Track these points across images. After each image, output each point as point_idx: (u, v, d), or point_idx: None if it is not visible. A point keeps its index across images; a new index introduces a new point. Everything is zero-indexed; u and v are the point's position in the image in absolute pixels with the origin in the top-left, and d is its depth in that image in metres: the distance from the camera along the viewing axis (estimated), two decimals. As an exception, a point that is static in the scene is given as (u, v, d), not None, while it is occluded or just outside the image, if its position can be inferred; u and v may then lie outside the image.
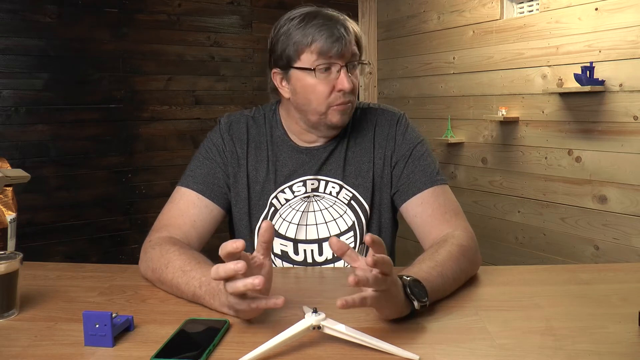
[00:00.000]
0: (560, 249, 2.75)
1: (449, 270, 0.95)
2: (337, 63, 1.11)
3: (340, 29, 1.10)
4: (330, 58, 1.10)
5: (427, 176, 1.17)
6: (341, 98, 1.13)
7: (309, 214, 1.20)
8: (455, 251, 1.01)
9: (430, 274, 0.91)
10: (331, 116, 1.15)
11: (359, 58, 1.16)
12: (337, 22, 1.12)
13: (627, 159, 2.42)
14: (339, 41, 1.09)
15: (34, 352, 0.76)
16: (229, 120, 1.25)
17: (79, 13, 2.95)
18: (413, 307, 0.84)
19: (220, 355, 0.75)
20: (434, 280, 0.90)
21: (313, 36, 1.10)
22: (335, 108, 1.14)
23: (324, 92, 1.12)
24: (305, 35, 1.10)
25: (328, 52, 1.09)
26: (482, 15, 3.07)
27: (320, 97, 1.13)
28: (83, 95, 3.00)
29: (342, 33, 1.10)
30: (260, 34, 3.52)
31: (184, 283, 0.94)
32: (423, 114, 3.49)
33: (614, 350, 0.76)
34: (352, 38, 1.13)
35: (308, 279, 1.13)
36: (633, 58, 2.36)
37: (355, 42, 1.15)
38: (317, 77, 1.12)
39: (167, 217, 1.15)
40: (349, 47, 1.11)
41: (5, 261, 0.87)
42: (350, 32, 1.13)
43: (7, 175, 1.14)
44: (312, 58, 1.11)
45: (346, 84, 1.11)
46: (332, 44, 1.09)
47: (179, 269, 0.96)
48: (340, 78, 1.11)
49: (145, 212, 3.20)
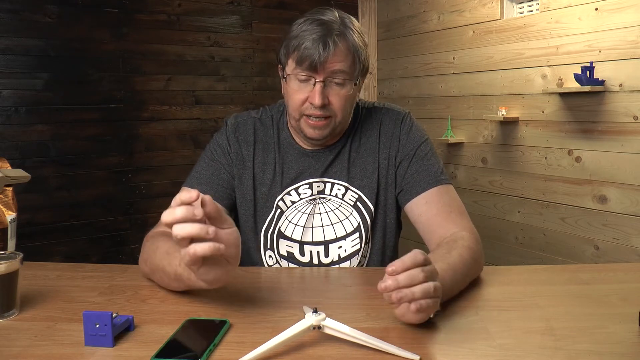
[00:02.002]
0: (560, 249, 2.75)
1: (459, 274, 0.96)
2: (312, 77, 1.09)
3: (327, 43, 1.06)
4: (306, 70, 1.08)
5: (431, 175, 1.17)
6: (311, 110, 1.10)
7: (315, 216, 1.20)
8: (466, 254, 1.00)
9: (443, 278, 0.90)
10: (304, 126, 1.14)
11: (356, 74, 1.11)
12: (328, 34, 1.07)
13: (627, 159, 2.42)
14: (317, 55, 1.06)
15: (34, 352, 0.76)
16: (235, 121, 1.25)
17: (79, 13, 2.95)
18: None
19: (220, 355, 0.75)
20: (445, 284, 0.89)
21: (298, 43, 1.08)
22: (307, 120, 1.12)
23: (298, 100, 1.11)
24: (294, 39, 1.09)
25: (302, 64, 1.08)
26: (482, 15, 3.07)
27: (294, 104, 1.12)
28: (83, 95, 3.00)
29: (328, 47, 1.05)
30: (260, 34, 3.52)
31: (168, 264, 0.93)
32: (423, 114, 3.49)
33: (614, 350, 0.76)
34: (342, 53, 1.08)
35: (312, 278, 1.13)
36: (633, 58, 2.36)
37: (351, 58, 1.09)
38: (292, 84, 1.12)
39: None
40: (331, 61, 1.07)
41: (5, 261, 0.87)
42: (340, 47, 1.07)
43: (7, 175, 1.14)
44: (292, 65, 1.11)
45: (316, 99, 1.08)
46: (308, 57, 1.06)
47: (164, 252, 0.96)
48: (312, 92, 1.09)
49: (145, 212, 3.20)
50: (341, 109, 1.12)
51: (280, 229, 1.20)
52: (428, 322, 0.85)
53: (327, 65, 1.07)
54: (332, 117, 1.13)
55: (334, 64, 1.08)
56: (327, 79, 1.09)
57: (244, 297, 0.98)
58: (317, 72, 1.08)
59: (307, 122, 1.12)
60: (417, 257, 0.78)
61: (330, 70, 1.08)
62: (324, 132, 1.14)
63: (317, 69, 1.08)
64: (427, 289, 0.77)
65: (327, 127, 1.13)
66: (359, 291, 1.04)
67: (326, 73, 1.08)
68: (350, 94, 1.13)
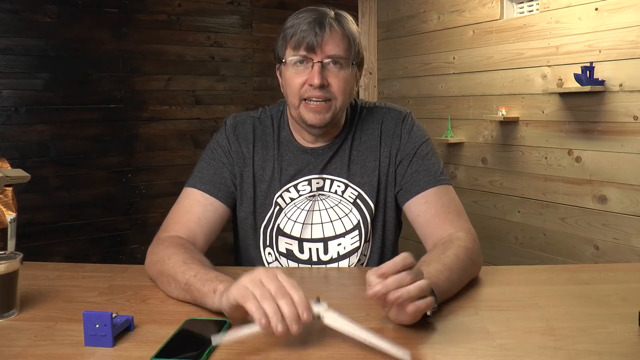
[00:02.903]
0: (560, 249, 2.75)
1: (455, 274, 0.96)
2: (310, 58, 1.10)
3: (323, 25, 1.09)
4: (303, 52, 1.10)
5: (431, 175, 1.17)
6: (310, 91, 1.11)
7: (314, 213, 1.20)
8: (462, 254, 1.01)
9: (439, 278, 0.91)
10: (304, 113, 1.13)
11: (352, 58, 1.13)
12: (323, 17, 1.10)
13: (627, 159, 2.42)
14: (313, 36, 1.08)
15: (34, 352, 0.76)
16: (234, 121, 1.26)
17: (79, 13, 2.95)
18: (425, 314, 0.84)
19: (220, 355, 0.75)
20: (442, 285, 0.90)
21: (294, 30, 1.10)
22: (307, 104, 1.12)
23: (296, 85, 1.12)
24: (290, 28, 1.11)
25: (300, 45, 1.09)
26: (482, 15, 3.07)
27: (293, 90, 1.13)
28: (83, 95, 3.00)
29: (324, 28, 1.08)
30: (260, 34, 3.52)
31: (181, 272, 0.95)
32: (423, 114, 3.49)
33: (614, 350, 0.76)
34: (338, 36, 1.10)
35: (311, 278, 1.13)
36: (633, 58, 2.36)
37: (347, 42, 1.12)
38: (290, 70, 1.12)
39: (173, 217, 1.16)
40: (328, 44, 1.09)
41: (5, 261, 0.87)
42: (336, 30, 1.10)
43: (7, 175, 1.14)
44: (290, 52, 1.12)
45: (315, 79, 1.09)
46: (304, 38, 1.08)
47: (180, 261, 0.98)
48: (311, 72, 1.10)
49: (145, 212, 3.20)
50: (341, 92, 1.12)
51: (279, 226, 1.20)
52: (428, 322, 0.85)
53: (324, 46, 1.09)
54: (332, 100, 1.13)
55: (331, 46, 1.10)
56: (325, 61, 1.10)
57: (244, 297, 0.98)
58: (315, 52, 1.10)
59: (308, 106, 1.12)
60: (407, 260, 0.79)
61: (328, 51, 1.10)
62: (325, 116, 1.13)
63: (314, 49, 1.09)
64: (422, 286, 0.78)
65: (328, 111, 1.13)
66: (359, 291, 1.04)
67: (324, 54, 1.10)
68: (349, 76, 1.14)
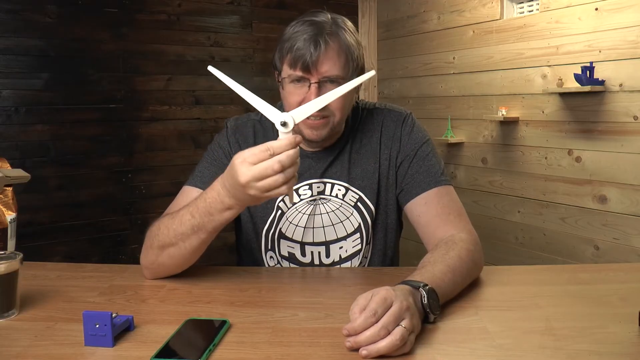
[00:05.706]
0: (560, 249, 2.75)
1: (458, 276, 0.96)
2: (306, 78, 1.08)
3: (318, 43, 1.06)
4: (299, 72, 1.08)
5: (431, 176, 1.17)
6: None
7: (315, 217, 1.19)
8: (465, 256, 1.01)
9: (442, 280, 0.91)
10: (302, 128, 1.12)
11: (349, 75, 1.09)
12: (319, 33, 1.07)
13: (627, 159, 2.42)
14: (309, 56, 1.06)
15: (34, 352, 0.76)
16: (235, 123, 1.25)
17: (79, 13, 2.95)
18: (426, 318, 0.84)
19: (220, 355, 0.75)
20: (445, 287, 0.91)
21: (290, 45, 1.08)
22: (305, 121, 1.09)
23: (294, 102, 1.10)
24: (287, 42, 1.09)
25: (296, 65, 1.07)
26: (482, 15, 3.07)
27: (291, 106, 1.10)
28: (83, 95, 3.00)
29: (319, 47, 1.06)
30: (260, 34, 3.52)
31: (178, 219, 1.01)
32: (423, 114, 3.49)
33: (614, 350, 0.76)
34: (335, 53, 1.07)
35: (312, 278, 1.13)
36: (633, 58, 2.36)
37: (344, 58, 1.09)
38: (287, 87, 1.11)
39: (168, 211, 1.15)
40: (324, 64, 1.07)
41: (5, 261, 0.87)
42: (332, 47, 1.07)
43: (7, 175, 1.14)
44: (286, 69, 1.11)
45: None
46: (300, 58, 1.06)
47: (168, 218, 1.04)
48: (308, 93, 1.08)
49: (145, 212, 3.20)
50: (339, 109, 1.11)
51: (281, 229, 1.20)
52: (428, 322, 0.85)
53: (319, 66, 1.07)
54: (330, 116, 1.12)
55: (327, 66, 1.07)
56: (321, 80, 1.08)
57: (244, 297, 0.98)
58: (310, 72, 1.07)
59: (306, 122, 1.11)
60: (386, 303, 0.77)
61: (324, 72, 1.07)
62: (323, 132, 1.13)
63: (310, 69, 1.07)
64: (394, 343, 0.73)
65: (325, 127, 1.12)
66: (359, 291, 1.03)
67: (320, 74, 1.08)
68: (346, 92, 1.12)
